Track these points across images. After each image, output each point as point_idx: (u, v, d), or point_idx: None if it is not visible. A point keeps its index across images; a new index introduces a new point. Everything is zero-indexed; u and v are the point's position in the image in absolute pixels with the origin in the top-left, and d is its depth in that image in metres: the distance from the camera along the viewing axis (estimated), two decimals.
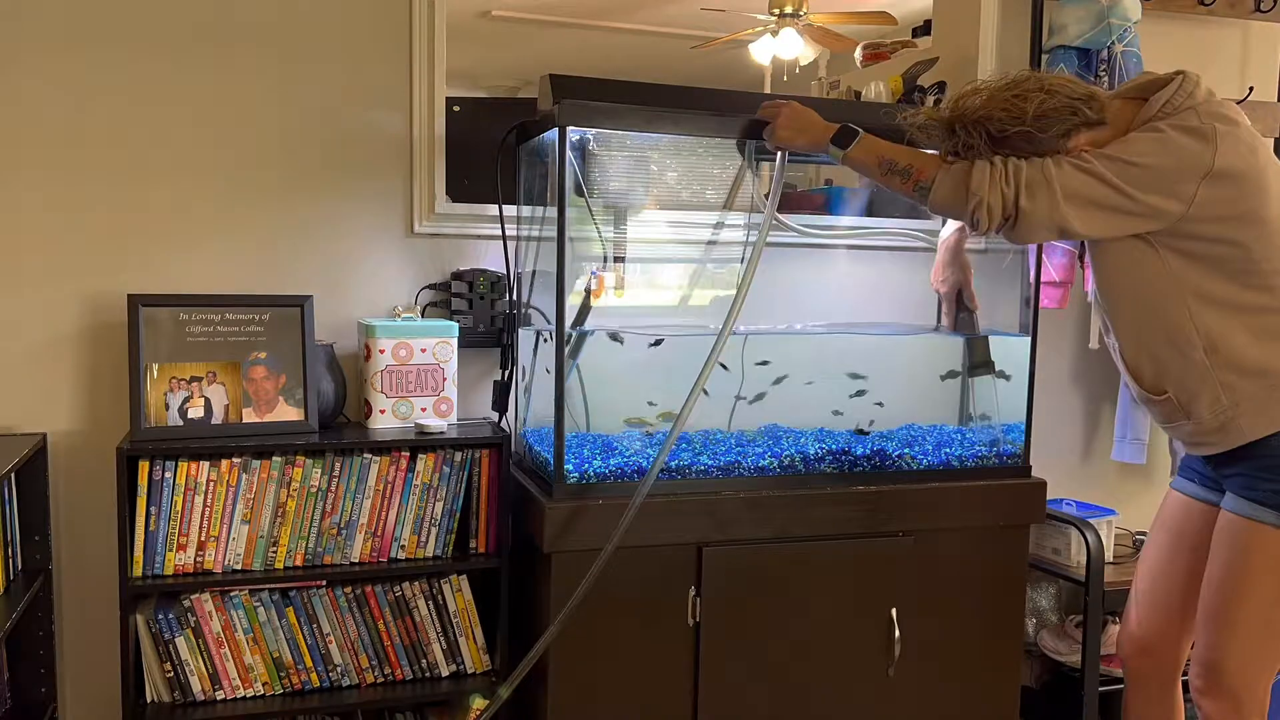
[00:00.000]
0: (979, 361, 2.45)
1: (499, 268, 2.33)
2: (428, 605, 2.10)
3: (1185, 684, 1.92)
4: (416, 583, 2.09)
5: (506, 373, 2.33)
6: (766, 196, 2.46)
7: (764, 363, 2.34)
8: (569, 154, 1.94)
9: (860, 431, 2.27)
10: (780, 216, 2.42)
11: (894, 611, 2.13)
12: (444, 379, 2.19)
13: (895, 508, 2.12)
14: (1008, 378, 2.36)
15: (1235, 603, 1.72)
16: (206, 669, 1.99)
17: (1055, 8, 2.53)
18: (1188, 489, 1.92)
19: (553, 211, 1.98)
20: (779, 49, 5.17)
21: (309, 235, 2.25)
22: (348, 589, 2.06)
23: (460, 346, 2.24)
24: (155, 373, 2.00)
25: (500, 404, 2.30)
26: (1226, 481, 1.78)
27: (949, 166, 1.77)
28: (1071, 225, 1.68)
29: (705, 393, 1.96)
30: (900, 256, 2.61)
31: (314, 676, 2.05)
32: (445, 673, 2.12)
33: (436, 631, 2.11)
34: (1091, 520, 2.44)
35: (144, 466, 1.93)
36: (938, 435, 2.35)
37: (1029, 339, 2.27)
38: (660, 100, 2.07)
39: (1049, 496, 2.29)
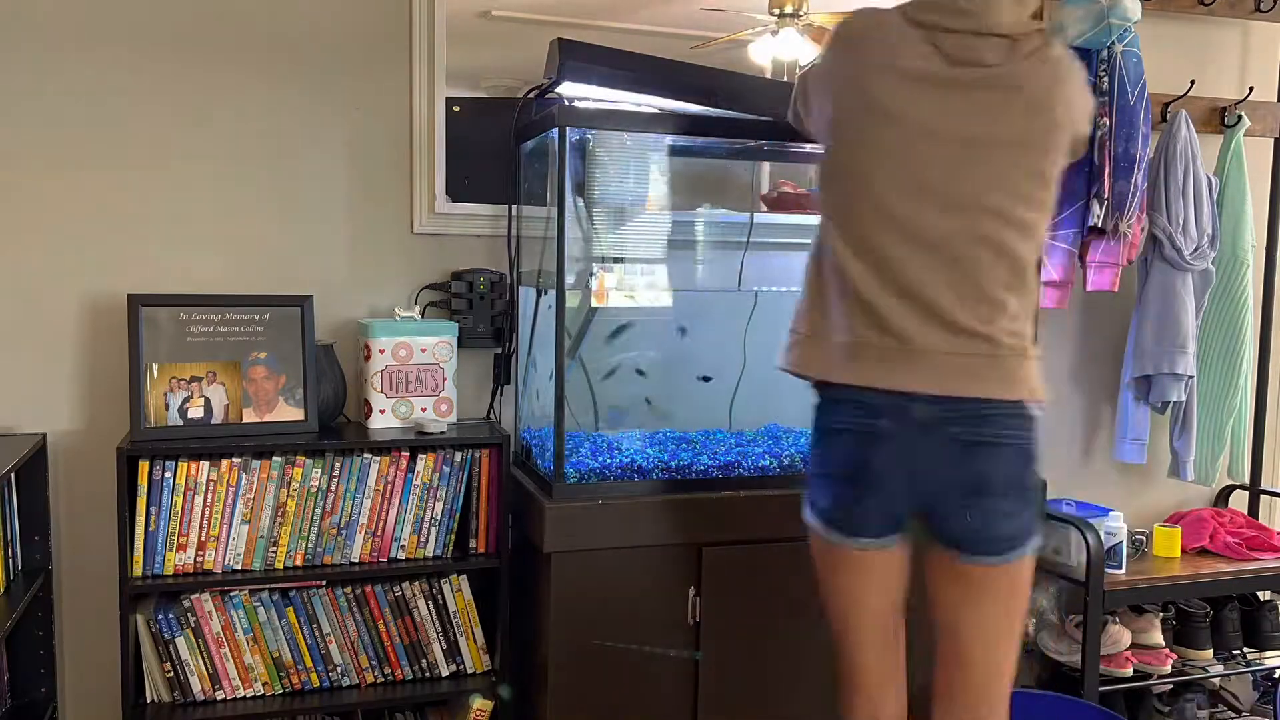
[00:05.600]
0: None
1: (499, 267, 2.33)
2: (428, 605, 2.10)
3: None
4: (416, 583, 2.09)
5: (501, 369, 2.33)
6: (765, 196, 2.47)
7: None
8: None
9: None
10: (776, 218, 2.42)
11: None
12: (443, 379, 2.19)
13: None
14: None
15: None
16: (206, 669, 1.99)
17: (1055, 7, 2.53)
18: None
19: (554, 211, 1.98)
20: (779, 49, 5.17)
21: (309, 235, 2.25)
22: (348, 589, 2.06)
23: (460, 346, 2.24)
24: (155, 373, 2.00)
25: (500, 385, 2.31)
26: None
27: None
28: None
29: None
30: None
31: (314, 676, 2.05)
32: (445, 672, 2.12)
33: (436, 631, 2.11)
34: (1091, 520, 2.44)
35: (144, 466, 1.93)
36: None
37: None
38: (665, 74, 2.06)
39: (1049, 496, 2.29)
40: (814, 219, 2.48)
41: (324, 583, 2.05)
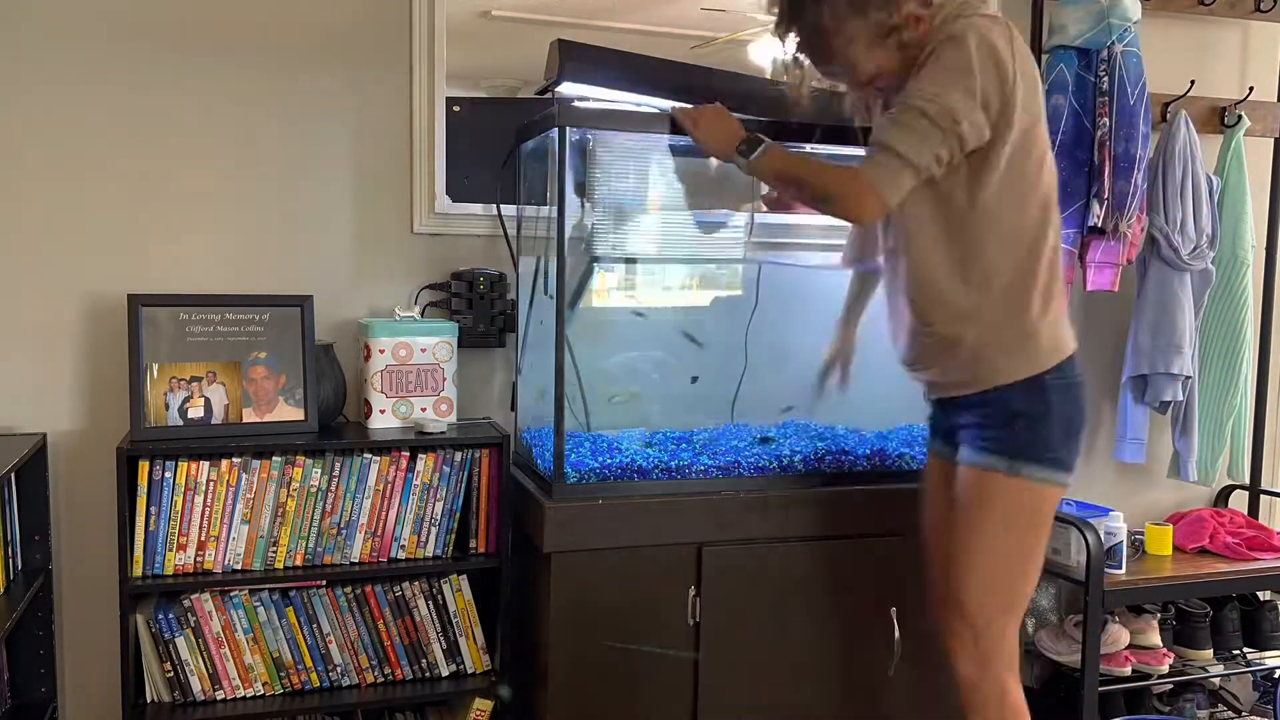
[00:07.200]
0: None
1: (499, 267, 2.33)
2: (428, 605, 2.10)
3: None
4: (416, 583, 2.09)
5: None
6: (765, 196, 2.46)
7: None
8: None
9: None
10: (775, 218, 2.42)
11: (894, 611, 2.13)
12: (444, 379, 2.19)
13: (895, 508, 2.12)
14: None
15: (972, 545, 1.78)
16: (206, 669, 1.99)
17: (1055, 8, 2.53)
18: (937, 448, 1.94)
19: (554, 211, 1.98)
20: (779, 49, 5.18)
21: (309, 235, 2.25)
22: (348, 589, 2.06)
23: (460, 346, 2.24)
24: (155, 373, 2.00)
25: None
26: (960, 433, 1.82)
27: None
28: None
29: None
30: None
31: (314, 676, 2.05)
32: (445, 672, 2.12)
33: (436, 631, 2.11)
34: (1091, 520, 2.44)
35: (144, 466, 1.93)
36: None
37: None
38: (664, 75, 2.06)
39: None
40: (814, 219, 2.49)
41: (324, 583, 2.05)
